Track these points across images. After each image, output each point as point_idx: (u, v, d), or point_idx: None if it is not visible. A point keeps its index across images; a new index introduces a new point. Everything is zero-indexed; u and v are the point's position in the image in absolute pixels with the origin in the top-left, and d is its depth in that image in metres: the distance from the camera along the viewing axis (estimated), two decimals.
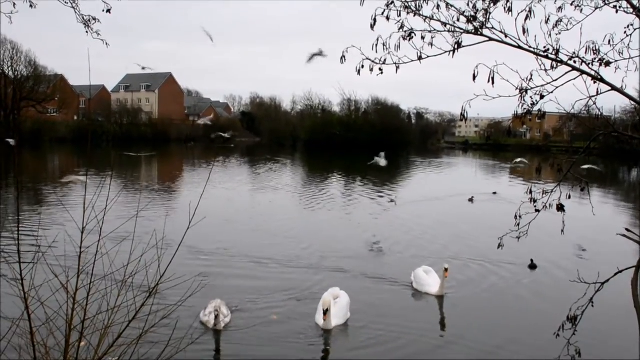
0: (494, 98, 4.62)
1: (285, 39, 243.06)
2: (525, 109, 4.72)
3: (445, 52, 4.71)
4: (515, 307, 11.92)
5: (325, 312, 10.13)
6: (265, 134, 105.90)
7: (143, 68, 19.66)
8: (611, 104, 59.56)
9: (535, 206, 5.12)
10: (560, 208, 5.02)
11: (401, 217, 22.93)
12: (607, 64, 4.74)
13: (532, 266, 14.66)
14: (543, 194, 5.08)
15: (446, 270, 12.03)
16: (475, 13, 4.78)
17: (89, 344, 4.87)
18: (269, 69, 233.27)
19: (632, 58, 4.80)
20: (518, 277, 13.87)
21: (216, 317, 9.35)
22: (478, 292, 12.74)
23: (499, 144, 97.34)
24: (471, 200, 28.65)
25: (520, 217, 5.15)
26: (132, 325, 4.79)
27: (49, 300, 4.86)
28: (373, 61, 4.71)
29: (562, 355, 5.40)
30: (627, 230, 5.40)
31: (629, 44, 4.79)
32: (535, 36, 4.68)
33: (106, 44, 7.09)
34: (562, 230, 5.41)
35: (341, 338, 9.94)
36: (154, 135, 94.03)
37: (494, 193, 31.57)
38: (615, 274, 5.20)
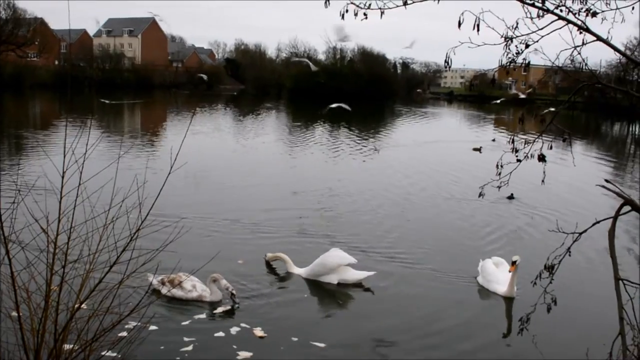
0: (478, 45, 4.57)
1: None
2: (510, 57, 4.68)
3: None
4: None
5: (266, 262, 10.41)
6: (249, 81, 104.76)
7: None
8: (596, 58, 59.30)
9: (517, 156, 5.13)
10: (542, 158, 5.03)
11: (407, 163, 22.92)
12: (594, 14, 4.68)
13: (510, 197, 16.12)
14: (525, 144, 5.08)
15: (514, 263, 9.40)
16: None
17: (71, 289, 4.88)
18: (254, 16, 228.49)
19: (619, 9, 4.74)
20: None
21: (232, 295, 8.56)
22: None
23: (483, 95, 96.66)
24: (479, 149, 27.71)
25: (501, 166, 5.17)
26: (113, 270, 4.80)
27: (30, 245, 4.86)
28: (357, 5, 4.62)
29: (539, 302, 5.50)
30: (607, 181, 5.45)
31: None
32: None
33: None
34: (543, 181, 5.43)
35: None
36: (137, 81, 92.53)
37: (493, 140, 31.55)
38: (593, 224, 5.25)
